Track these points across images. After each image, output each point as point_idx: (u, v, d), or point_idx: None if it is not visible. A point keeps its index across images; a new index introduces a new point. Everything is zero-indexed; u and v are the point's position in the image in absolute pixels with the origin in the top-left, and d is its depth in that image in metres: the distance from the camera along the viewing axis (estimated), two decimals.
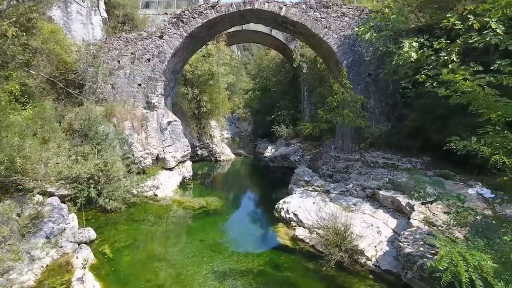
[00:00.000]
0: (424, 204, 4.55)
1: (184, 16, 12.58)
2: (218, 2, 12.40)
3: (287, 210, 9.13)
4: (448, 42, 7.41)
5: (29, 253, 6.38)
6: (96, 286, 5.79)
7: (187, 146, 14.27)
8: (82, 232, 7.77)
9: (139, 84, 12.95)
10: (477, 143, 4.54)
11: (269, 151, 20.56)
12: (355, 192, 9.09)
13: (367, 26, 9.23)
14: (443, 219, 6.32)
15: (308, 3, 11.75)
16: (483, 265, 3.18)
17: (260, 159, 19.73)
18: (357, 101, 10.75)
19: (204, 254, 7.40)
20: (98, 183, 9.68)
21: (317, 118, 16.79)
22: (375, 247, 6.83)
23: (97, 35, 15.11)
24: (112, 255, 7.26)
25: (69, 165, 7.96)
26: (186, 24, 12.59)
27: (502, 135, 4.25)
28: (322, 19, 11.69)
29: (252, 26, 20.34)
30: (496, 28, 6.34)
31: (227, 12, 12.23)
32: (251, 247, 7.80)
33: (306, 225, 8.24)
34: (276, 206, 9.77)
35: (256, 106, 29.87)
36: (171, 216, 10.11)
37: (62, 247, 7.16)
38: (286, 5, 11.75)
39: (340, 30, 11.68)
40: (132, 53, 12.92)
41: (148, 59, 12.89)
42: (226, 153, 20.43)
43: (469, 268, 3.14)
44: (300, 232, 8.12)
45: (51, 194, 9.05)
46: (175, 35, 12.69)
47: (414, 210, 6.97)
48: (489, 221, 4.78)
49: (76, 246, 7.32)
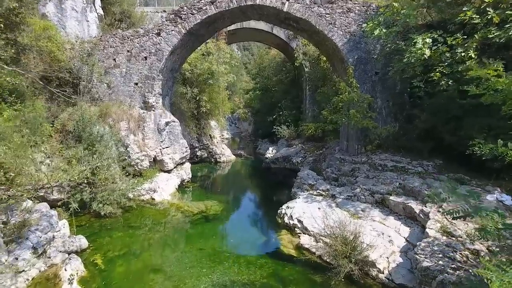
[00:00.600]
0: (459, 219, 4.03)
1: (182, 12, 12.07)
2: None
3: (291, 216, 8.64)
4: (464, 37, 6.90)
5: (13, 265, 5.88)
6: None
7: (186, 147, 13.76)
8: (73, 241, 7.26)
9: (136, 83, 12.44)
10: (504, 147, 4.08)
11: (270, 152, 20.08)
12: (363, 197, 8.59)
13: (375, 21, 8.71)
14: (462, 229, 5.85)
15: None
16: None
17: (261, 160, 19.22)
18: (364, 101, 10.25)
19: (203, 264, 6.92)
20: (92, 186, 9.19)
21: (319, 118, 16.32)
22: (387, 258, 6.33)
23: (92, 32, 14.59)
24: (104, 266, 6.77)
25: (47, 173, 7.38)
26: (185, 20, 12.08)
27: None
28: (327, 15, 11.18)
29: (252, 24, 19.89)
30: None
31: (227, 8, 11.71)
32: (253, 257, 7.30)
33: (312, 232, 7.75)
34: (278, 211, 9.28)
35: (257, 106, 29.44)
36: (168, 222, 9.60)
37: (50, 257, 6.65)
38: (289, 0, 11.24)
39: (346, 26, 11.17)
40: (128, 51, 12.40)
41: (145, 57, 12.38)
42: (226, 154, 19.91)
43: None
44: (305, 240, 7.62)
45: (44, 198, 8.58)
46: (173, 32, 12.18)
47: (429, 218, 6.48)
48: None
49: (66, 256, 6.83)
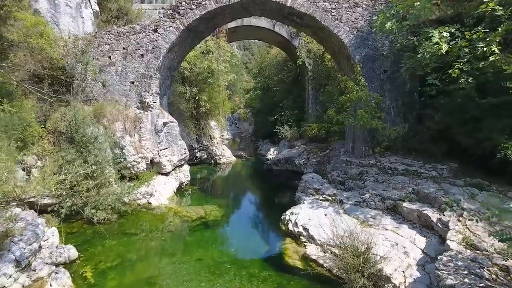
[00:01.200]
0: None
1: (180, 7, 11.50)
2: None
3: (296, 223, 8.09)
4: (486, 31, 6.34)
5: None
6: None
7: (185, 149, 13.20)
8: (61, 251, 6.71)
9: (132, 82, 11.87)
10: None
11: (271, 153, 19.52)
12: (373, 203, 8.03)
13: (387, 14, 8.15)
14: (487, 241, 5.30)
15: None
16: None
17: (262, 161, 18.66)
18: (372, 100, 9.69)
19: (202, 277, 6.38)
20: (83, 192, 8.63)
21: (323, 118, 15.76)
22: (403, 272, 5.78)
23: (88, 29, 14.05)
24: (94, 280, 6.23)
25: (15, 184, 6.80)
26: (183, 16, 11.52)
27: None
28: (333, 10, 10.62)
29: (253, 21, 19.33)
30: None
31: (228, 3, 11.14)
32: (255, 268, 6.76)
33: (319, 241, 7.19)
34: (282, 217, 8.74)
35: (258, 106, 28.89)
36: (165, 228, 9.05)
37: (35, 270, 6.10)
38: None
39: (352, 22, 10.61)
40: (124, 48, 11.84)
41: (142, 55, 11.82)
42: (226, 155, 19.34)
43: None
44: (311, 250, 7.06)
45: (33, 204, 8.02)
46: (171, 28, 11.62)
47: (448, 228, 5.94)
48: None
49: (53, 268, 6.31)
